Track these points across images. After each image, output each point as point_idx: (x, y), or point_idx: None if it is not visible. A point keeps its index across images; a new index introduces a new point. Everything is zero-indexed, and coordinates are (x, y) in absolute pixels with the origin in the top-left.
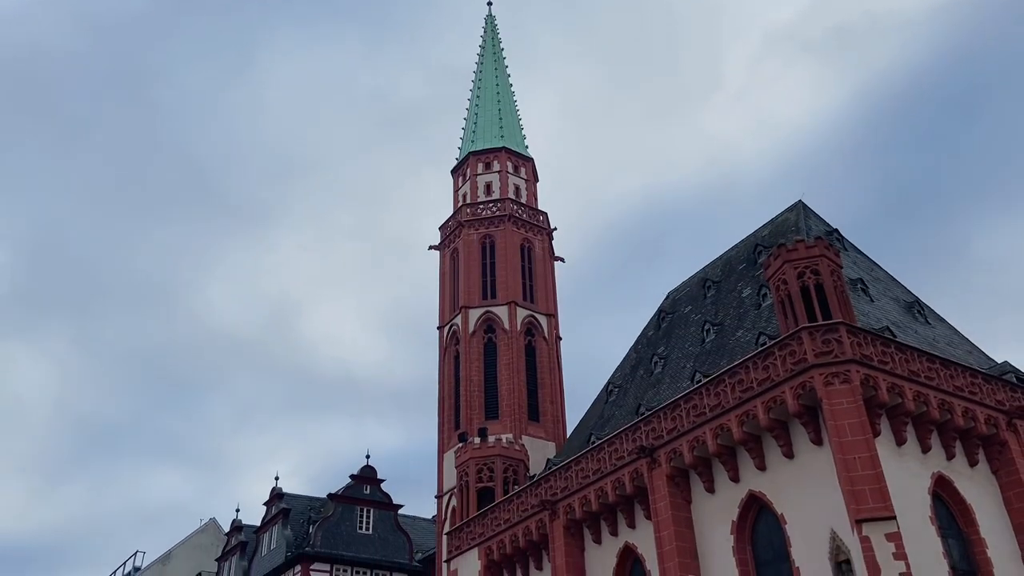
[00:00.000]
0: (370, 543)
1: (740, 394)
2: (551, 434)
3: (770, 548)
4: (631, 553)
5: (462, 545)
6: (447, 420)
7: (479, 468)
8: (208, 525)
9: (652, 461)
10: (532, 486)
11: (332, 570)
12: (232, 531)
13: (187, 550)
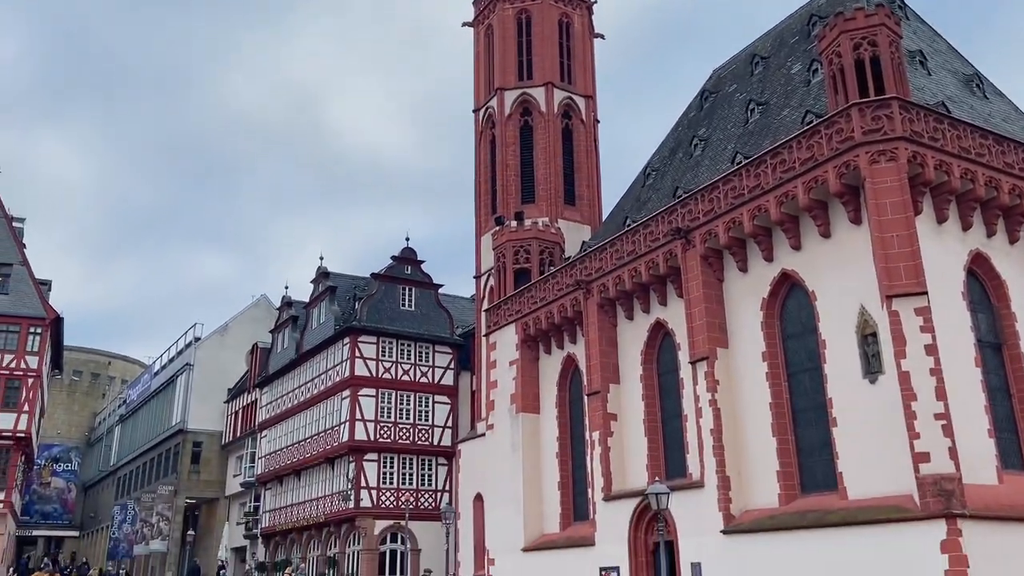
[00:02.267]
0: (413, 319)
1: (781, 175)
2: (587, 218)
3: (798, 323)
4: (661, 328)
5: (500, 321)
6: (484, 204)
7: (516, 250)
8: (260, 301)
9: (687, 242)
10: (567, 267)
11: (378, 342)
12: (283, 306)
13: (242, 323)
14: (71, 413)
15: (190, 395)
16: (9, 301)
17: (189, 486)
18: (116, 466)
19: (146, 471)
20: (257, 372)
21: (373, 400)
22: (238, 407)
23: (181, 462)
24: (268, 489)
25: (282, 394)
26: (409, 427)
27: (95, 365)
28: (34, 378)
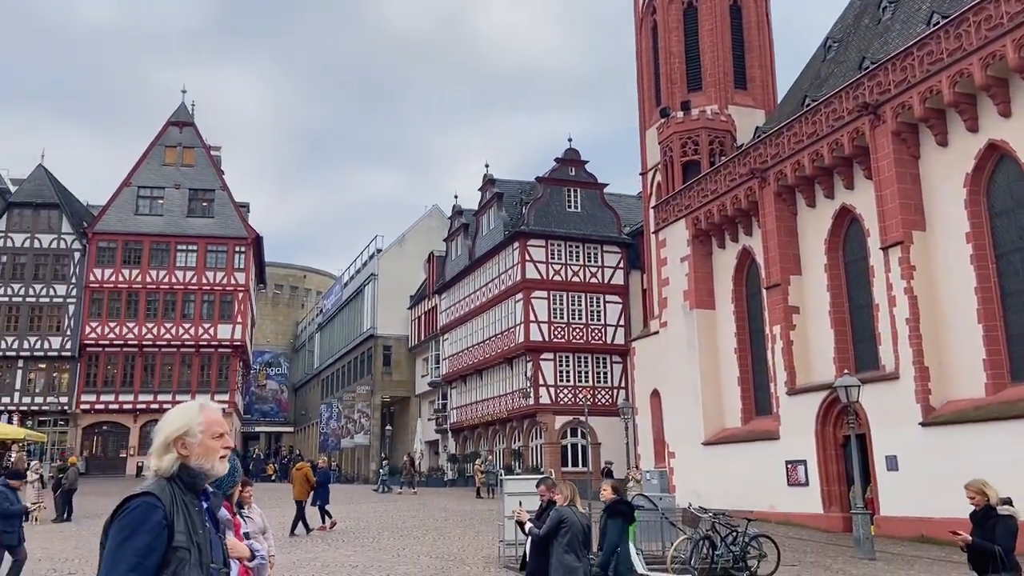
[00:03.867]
0: (579, 220)
1: (987, 33)
2: (760, 101)
3: (1008, 198)
4: (848, 213)
5: (669, 217)
6: (647, 97)
7: (683, 142)
8: (432, 211)
9: (876, 118)
10: (740, 155)
11: (547, 245)
12: (454, 215)
13: (417, 233)
14: (276, 323)
15: (377, 303)
16: (215, 224)
17: (383, 386)
18: (319, 369)
19: (345, 373)
20: (434, 279)
21: (545, 302)
22: (420, 312)
23: (374, 364)
24: (453, 388)
25: (459, 299)
26: (582, 327)
27: (293, 279)
28: (243, 292)
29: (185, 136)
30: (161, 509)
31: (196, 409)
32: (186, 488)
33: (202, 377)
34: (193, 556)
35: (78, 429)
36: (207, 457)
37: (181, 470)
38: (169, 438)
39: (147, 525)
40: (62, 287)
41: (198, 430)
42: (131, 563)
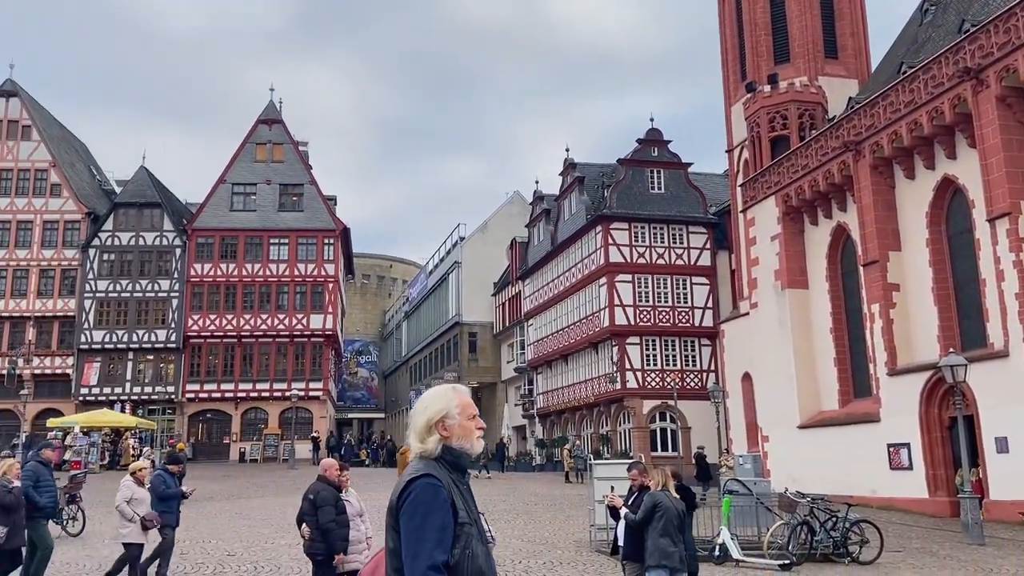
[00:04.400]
0: (663, 201)
1: None
2: (852, 71)
3: None
4: (950, 184)
5: (757, 195)
6: (731, 72)
7: (771, 116)
8: (514, 197)
9: (979, 83)
10: (832, 128)
11: (630, 228)
12: (535, 201)
13: (499, 220)
14: (365, 312)
15: (461, 290)
16: (304, 217)
17: (469, 372)
18: (407, 356)
19: (432, 360)
20: (518, 265)
21: (630, 285)
22: (504, 299)
23: (460, 351)
24: (539, 373)
25: (543, 284)
26: (668, 310)
27: (379, 268)
28: (333, 283)
29: (274, 133)
30: (443, 488)
31: (451, 392)
32: (451, 468)
33: (297, 366)
34: (475, 530)
35: (184, 417)
36: (466, 437)
37: (444, 451)
38: (431, 421)
39: (437, 503)
40: (166, 282)
41: (455, 412)
42: (434, 540)
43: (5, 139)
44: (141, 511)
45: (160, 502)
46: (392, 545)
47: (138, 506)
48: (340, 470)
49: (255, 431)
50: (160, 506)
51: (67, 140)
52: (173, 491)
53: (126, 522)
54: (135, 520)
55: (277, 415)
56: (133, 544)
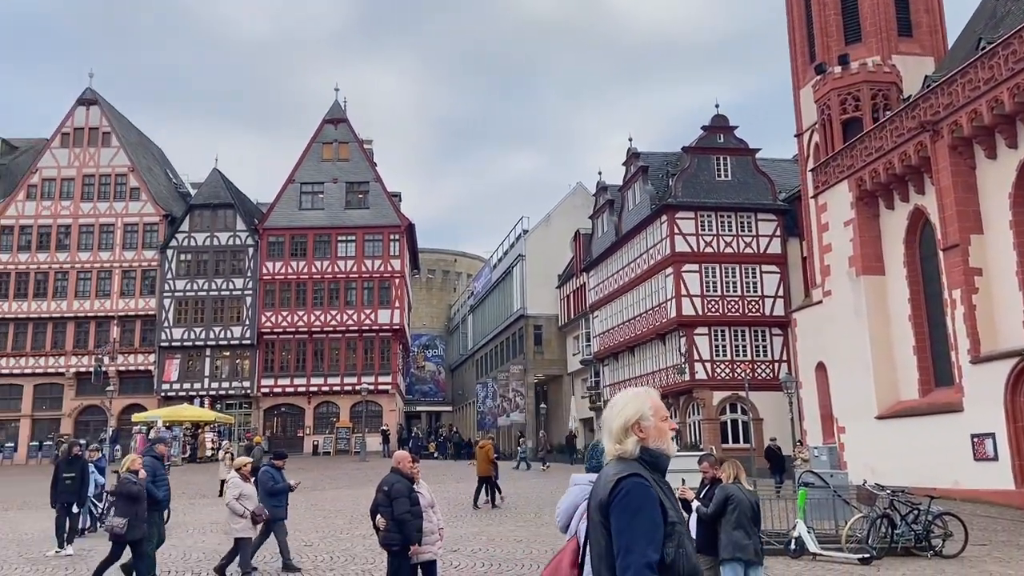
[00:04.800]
0: (730, 189)
1: None
2: (928, 48)
3: None
4: None
5: (829, 179)
6: (799, 53)
7: (842, 98)
8: (577, 189)
9: None
10: (908, 108)
11: (697, 216)
12: (598, 192)
13: (562, 212)
14: (430, 306)
15: (526, 283)
16: (370, 214)
17: (535, 365)
18: (473, 350)
19: (498, 353)
20: (582, 257)
21: (697, 275)
22: (569, 291)
23: (526, 344)
24: (605, 365)
25: (607, 276)
26: (737, 299)
27: (444, 263)
28: (399, 278)
29: (340, 132)
30: (652, 487)
31: (644, 395)
32: (650, 468)
33: (366, 360)
34: (685, 529)
35: (260, 411)
36: (661, 438)
37: (642, 451)
38: (628, 423)
39: (648, 502)
40: (240, 280)
41: (650, 414)
42: (648, 537)
43: (87, 146)
44: (249, 506)
45: (270, 497)
46: (604, 543)
47: (246, 501)
48: (412, 462)
49: (327, 424)
50: (270, 501)
51: (144, 145)
52: (281, 486)
53: (237, 517)
54: (245, 515)
55: (348, 409)
56: (244, 539)
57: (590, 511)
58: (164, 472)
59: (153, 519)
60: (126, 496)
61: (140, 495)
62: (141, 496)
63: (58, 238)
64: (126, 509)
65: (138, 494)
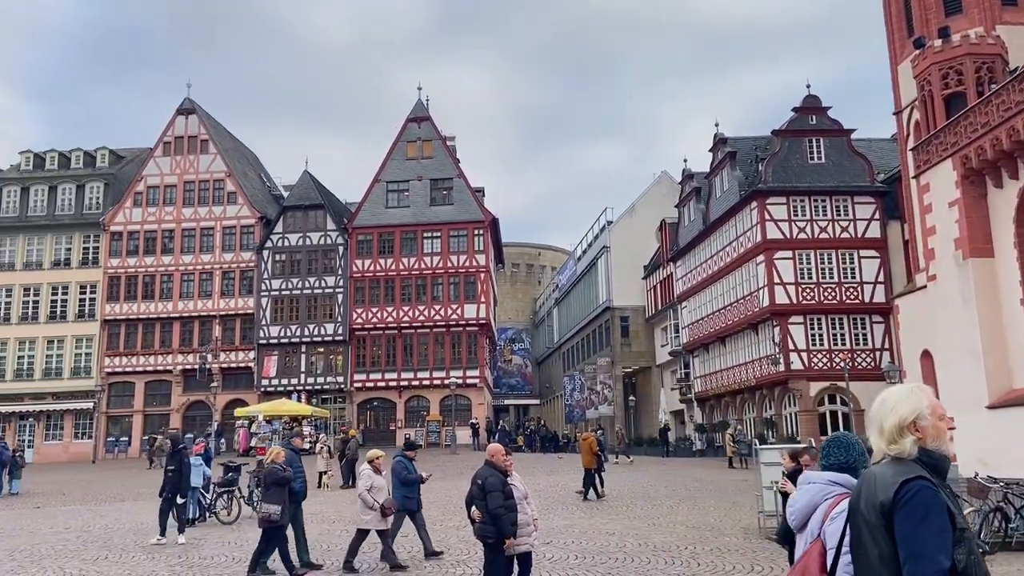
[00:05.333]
0: (824, 172)
1: None
2: None
3: None
4: None
5: (932, 158)
6: (896, 28)
7: (943, 73)
8: (661, 178)
9: None
10: (1016, 80)
11: (788, 202)
12: (684, 180)
13: (647, 202)
14: (515, 300)
15: (611, 275)
16: (454, 210)
17: (623, 357)
18: (559, 343)
19: (584, 345)
20: (668, 247)
21: (790, 262)
22: (655, 282)
23: (612, 336)
24: (695, 356)
25: (695, 265)
26: (834, 286)
27: (528, 257)
28: (484, 273)
29: (423, 130)
30: (939, 491)
31: (919, 392)
32: (931, 470)
33: (454, 355)
34: (972, 535)
35: (354, 405)
36: (939, 438)
37: (921, 452)
38: (903, 422)
39: (936, 507)
40: (331, 278)
41: (927, 412)
42: (937, 543)
43: (187, 153)
44: (380, 498)
45: (403, 487)
46: (884, 548)
47: (377, 493)
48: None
49: (418, 418)
50: (403, 491)
51: (239, 151)
52: (414, 477)
53: (367, 509)
54: (375, 507)
55: (438, 402)
56: (374, 530)
57: (861, 513)
58: (300, 464)
59: (291, 508)
60: (276, 483)
61: (288, 482)
62: (288, 484)
63: (163, 242)
64: (277, 496)
65: (286, 481)
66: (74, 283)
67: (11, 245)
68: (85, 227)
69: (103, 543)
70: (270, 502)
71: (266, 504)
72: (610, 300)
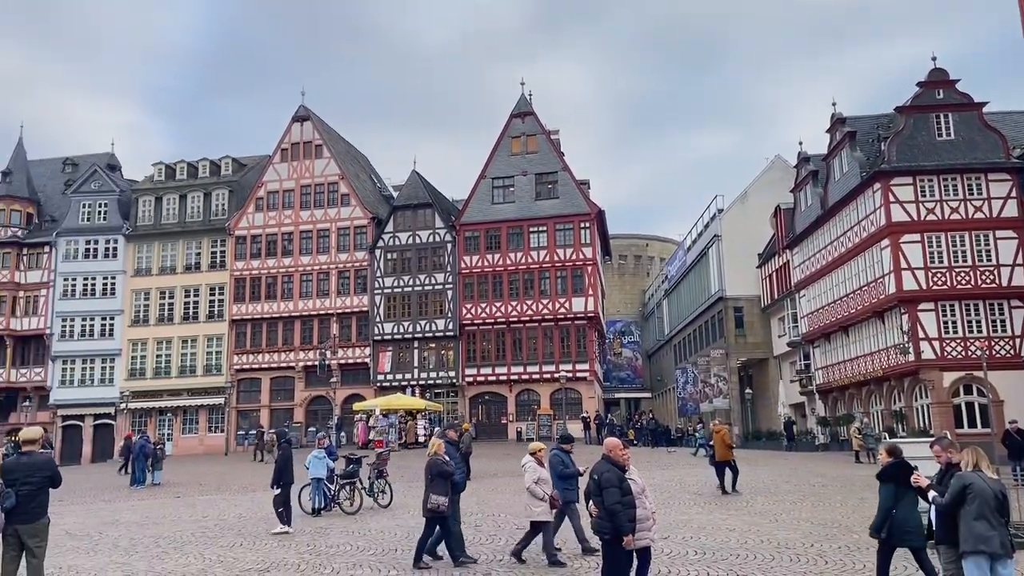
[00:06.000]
0: (953, 148)
1: None
2: None
3: None
4: None
5: None
6: None
7: None
8: (775, 162)
9: None
10: None
11: (915, 182)
12: (800, 163)
13: (760, 187)
14: (623, 292)
15: (723, 264)
16: (560, 203)
17: (737, 348)
18: (670, 335)
19: (696, 337)
20: (784, 234)
21: (918, 246)
22: (771, 270)
23: (726, 327)
24: (816, 347)
25: (814, 252)
26: (968, 270)
27: (636, 248)
28: (591, 265)
29: (527, 125)
30: None
31: None
32: None
33: (563, 348)
34: None
35: (465, 399)
36: None
37: None
38: None
39: None
40: (441, 275)
41: None
42: None
43: (302, 159)
44: (547, 491)
45: (561, 480)
46: None
47: (544, 485)
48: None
49: (528, 411)
50: (561, 484)
51: (351, 154)
52: (571, 470)
53: (537, 501)
54: (545, 499)
55: (548, 396)
56: (543, 523)
57: None
58: (457, 456)
59: (451, 499)
60: (440, 475)
61: (451, 475)
62: (451, 476)
63: (283, 244)
64: (442, 487)
65: (450, 474)
66: (204, 285)
67: (148, 252)
68: (212, 232)
69: (237, 531)
70: (436, 493)
71: (433, 495)
72: (723, 290)
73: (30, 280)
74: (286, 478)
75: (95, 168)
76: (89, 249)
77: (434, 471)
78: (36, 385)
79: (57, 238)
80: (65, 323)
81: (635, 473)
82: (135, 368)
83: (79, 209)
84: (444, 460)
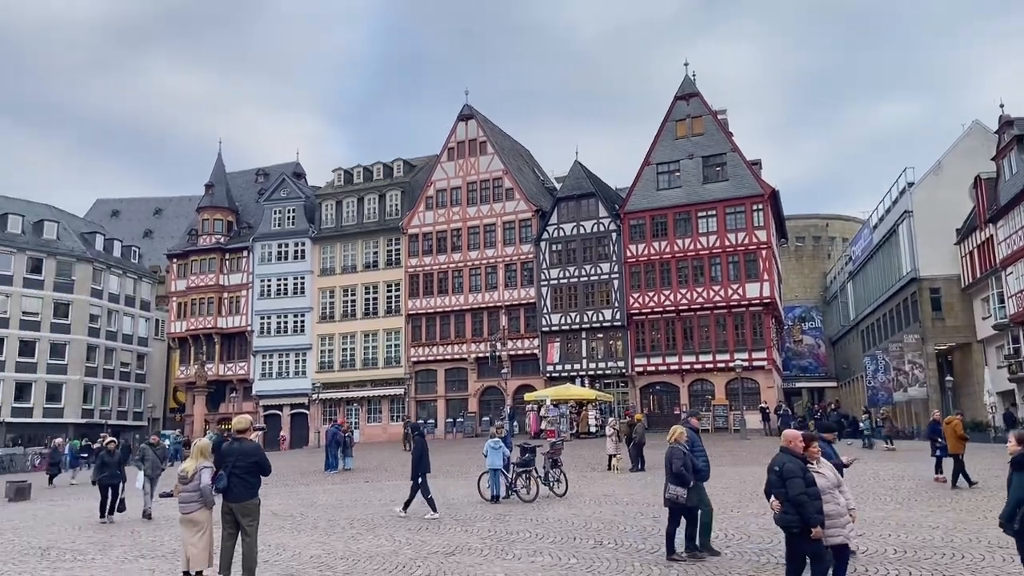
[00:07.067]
0: None
1: None
2: None
3: None
4: None
5: None
6: None
7: None
8: (972, 128)
9: None
10: None
11: None
12: (1002, 127)
13: (956, 156)
14: (802, 276)
15: (915, 242)
16: (730, 186)
17: (934, 333)
18: (856, 320)
19: (886, 322)
20: (985, 206)
21: None
22: (972, 247)
23: (921, 310)
24: None
25: (1021, 225)
26: None
27: (815, 229)
28: (766, 249)
29: (692, 107)
30: None
31: None
32: None
33: (737, 336)
34: None
35: (636, 389)
36: None
37: None
38: None
39: None
40: (606, 265)
41: None
42: None
43: (468, 156)
44: None
45: None
46: None
47: None
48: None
49: (703, 402)
50: None
51: (514, 149)
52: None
53: None
54: None
55: (723, 386)
56: None
57: None
58: (700, 443)
59: (698, 487)
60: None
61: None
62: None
63: (452, 240)
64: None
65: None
66: (382, 282)
67: (331, 252)
68: (387, 232)
69: (422, 515)
70: (676, 484)
71: (672, 486)
72: (916, 270)
73: (232, 282)
74: (422, 468)
75: (283, 177)
76: (281, 252)
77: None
78: (240, 378)
79: (253, 243)
80: (263, 321)
81: (827, 467)
82: (324, 361)
83: (271, 215)
84: (683, 449)
